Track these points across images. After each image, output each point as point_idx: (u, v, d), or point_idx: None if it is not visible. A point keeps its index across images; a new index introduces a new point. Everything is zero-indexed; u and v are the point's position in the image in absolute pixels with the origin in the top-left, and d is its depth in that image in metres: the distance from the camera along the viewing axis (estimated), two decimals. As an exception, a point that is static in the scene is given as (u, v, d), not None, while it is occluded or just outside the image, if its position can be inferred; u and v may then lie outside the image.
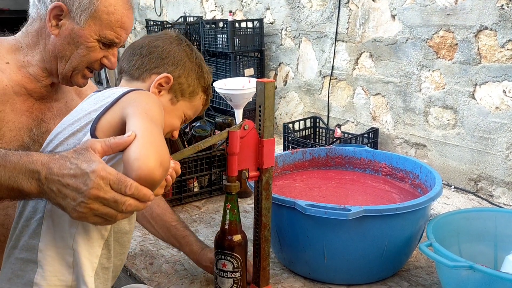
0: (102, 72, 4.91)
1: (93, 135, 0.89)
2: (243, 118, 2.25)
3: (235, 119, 2.20)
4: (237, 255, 1.14)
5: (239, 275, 1.15)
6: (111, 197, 0.77)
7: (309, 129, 2.62)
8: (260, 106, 1.16)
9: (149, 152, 0.77)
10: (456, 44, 2.09)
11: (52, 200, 0.81)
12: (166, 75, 1.00)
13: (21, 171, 0.80)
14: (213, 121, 1.94)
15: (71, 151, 0.81)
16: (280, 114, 3.09)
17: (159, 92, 1.01)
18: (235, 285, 1.15)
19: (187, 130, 1.99)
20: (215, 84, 2.45)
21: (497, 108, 1.98)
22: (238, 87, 2.09)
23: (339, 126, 2.54)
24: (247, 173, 1.17)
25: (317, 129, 2.63)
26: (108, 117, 0.88)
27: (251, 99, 2.24)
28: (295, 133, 2.52)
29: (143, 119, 0.82)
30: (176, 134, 1.10)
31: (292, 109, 3.00)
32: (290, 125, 2.50)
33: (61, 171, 0.78)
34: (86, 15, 1.11)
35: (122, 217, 0.79)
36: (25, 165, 0.80)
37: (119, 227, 0.96)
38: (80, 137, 0.89)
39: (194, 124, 1.95)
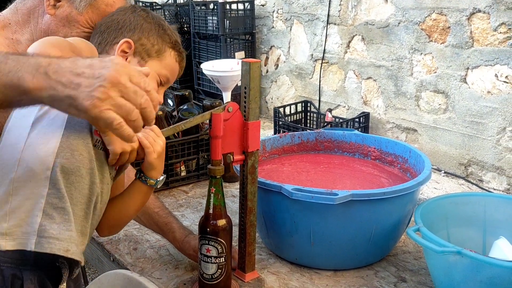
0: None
1: None
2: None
3: (223, 102, 2.16)
4: (222, 240, 1.11)
5: (223, 261, 1.12)
6: (131, 86, 0.72)
7: (300, 114, 2.60)
8: (245, 88, 1.13)
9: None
10: (449, 27, 2.05)
11: (58, 95, 0.72)
12: (126, 40, 1.01)
13: (24, 65, 0.72)
14: (201, 104, 1.91)
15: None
16: (272, 98, 3.06)
17: (126, 59, 1.01)
18: (220, 271, 1.12)
19: (175, 113, 1.95)
20: (202, 66, 2.41)
21: (488, 92, 1.96)
22: (226, 69, 2.05)
23: (330, 110, 2.51)
24: (231, 156, 1.14)
25: (309, 114, 2.60)
26: None
27: (240, 82, 2.21)
28: (286, 118, 2.49)
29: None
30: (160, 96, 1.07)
31: (283, 93, 2.97)
32: (281, 110, 2.47)
33: (75, 63, 0.73)
34: (86, 1, 1.12)
35: (136, 116, 0.74)
36: (30, 61, 0.73)
37: (69, 167, 0.86)
38: None
39: (181, 107, 1.92)
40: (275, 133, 2.42)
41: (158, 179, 1.02)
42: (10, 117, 0.93)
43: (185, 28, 3.28)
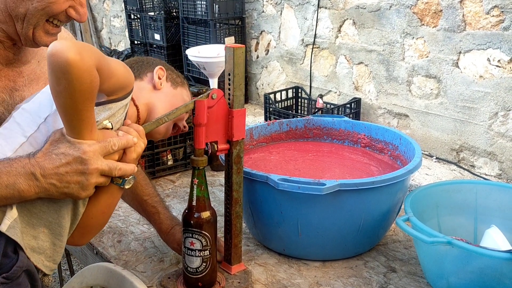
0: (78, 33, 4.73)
1: None
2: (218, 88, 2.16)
3: (209, 89, 2.11)
4: (206, 233, 1.08)
5: (208, 254, 1.09)
6: (106, 165, 0.88)
7: (291, 100, 2.56)
8: (229, 74, 1.09)
9: (68, 42, 0.81)
10: (441, 10, 2.01)
11: (55, 194, 0.86)
12: (160, 67, 1.17)
13: (17, 176, 0.84)
14: (188, 92, 1.86)
15: (46, 145, 0.86)
16: (262, 84, 3.01)
17: (160, 84, 1.16)
18: (204, 264, 1.09)
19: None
20: (188, 51, 2.35)
21: (481, 77, 1.92)
22: (212, 55, 2.00)
23: (321, 96, 2.47)
24: (216, 146, 1.11)
25: (299, 100, 2.56)
26: None
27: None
28: (277, 104, 2.45)
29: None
30: (183, 124, 1.23)
31: (274, 79, 2.92)
32: (272, 96, 2.43)
33: (53, 164, 0.85)
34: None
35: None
36: (19, 170, 0.85)
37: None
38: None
39: (168, 94, 1.87)
40: (265, 120, 2.38)
41: (126, 179, 0.98)
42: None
43: (174, 13, 3.21)
